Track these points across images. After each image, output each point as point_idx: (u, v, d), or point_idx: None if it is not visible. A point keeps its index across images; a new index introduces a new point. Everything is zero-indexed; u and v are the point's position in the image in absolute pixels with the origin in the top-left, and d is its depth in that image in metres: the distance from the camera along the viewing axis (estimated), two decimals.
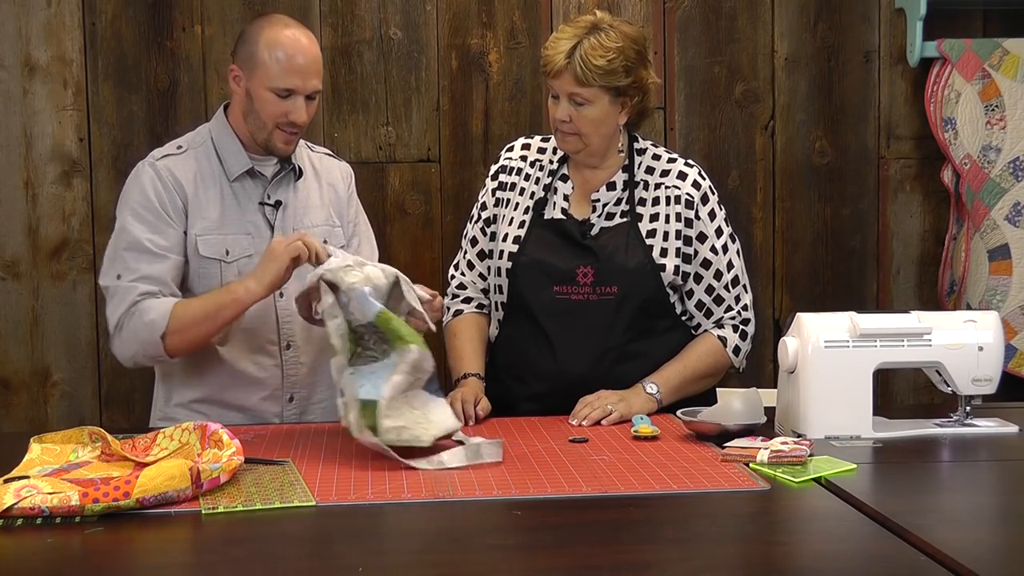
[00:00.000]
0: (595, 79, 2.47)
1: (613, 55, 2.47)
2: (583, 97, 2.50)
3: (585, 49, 2.46)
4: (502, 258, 2.63)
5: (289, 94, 2.53)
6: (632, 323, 2.56)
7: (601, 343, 2.55)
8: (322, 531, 1.80)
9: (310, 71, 2.55)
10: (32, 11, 3.32)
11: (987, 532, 1.82)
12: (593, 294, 2.55)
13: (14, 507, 1.82)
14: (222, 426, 2.09)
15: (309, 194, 2.68)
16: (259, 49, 2.53)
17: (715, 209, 2.62)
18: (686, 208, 2.59)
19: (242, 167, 2.60)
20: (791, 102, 3.54)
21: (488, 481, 2.02)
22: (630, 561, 1.66)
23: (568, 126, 2.54)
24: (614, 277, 2.54)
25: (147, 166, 2.59)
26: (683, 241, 2.59)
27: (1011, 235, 3.43)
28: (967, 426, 2.36)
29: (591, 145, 2.57)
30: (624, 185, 2.61)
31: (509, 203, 2.67)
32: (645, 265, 2.55)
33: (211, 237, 2.56)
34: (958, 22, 3.53)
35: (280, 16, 2.62)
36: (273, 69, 2.52)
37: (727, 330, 2.63)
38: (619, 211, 2.60)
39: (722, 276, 2.61)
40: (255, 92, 2.54)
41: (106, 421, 3.37)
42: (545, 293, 2.57)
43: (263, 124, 2.56)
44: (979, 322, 2.35)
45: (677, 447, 2.24)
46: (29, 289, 3.37)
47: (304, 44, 2.54)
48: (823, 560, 1.69)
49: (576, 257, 2.56)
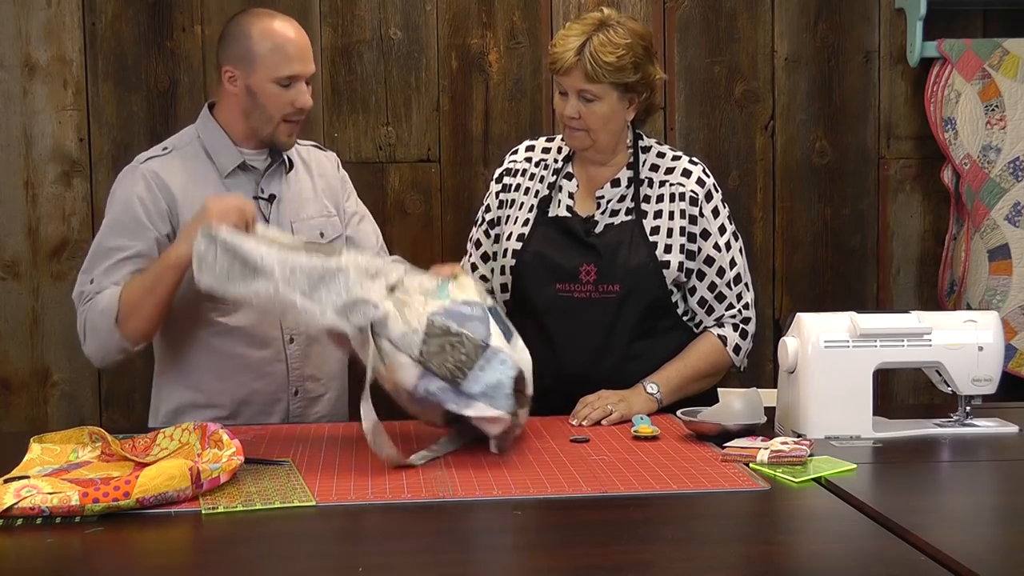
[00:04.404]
0: (605, 75, 2.48)
1: (623, 51, 2.48)
2: (592, 93, 2.51)
3: (595, 46, 2.47)
4: (506, 256, 2.64)
5: (291, 82, 2.54)
6: (634, 322, 2.56)
7: (602, 342, 2.55)
8: (322, 531, 1.80)
9: (307, 55, 2.59)
10: (32, 11, 3.32)
11: (987, 532, 1.82)
12: (595, 292, 2.55)
13: (14, 507, 1.82)
14: (222, 426, 2.09)
15: (302, 187, 2.68)
16: (254, 43, 2.53)
17: (719, 207, 2.62)
18: (690, 205, 2.59)
19: (234, 162, 2.59)
20: (791, 102, 3.54)
21: (488, 481, 2.02)
22: (630, 561, 1.66)
23: (577, 122, 2.54)
24: (616, 276, 2.55)
25: (131, 170, 2.59)
26: (687, 238, 2.59)
27: (1011, 235, 3.43)
28: (967, 426, 2.36)
29: (599, 141, 2.57)
30: (628, 182, 2.61)
31: (514, 204, 2.68)
32: (648, 264, 2.55)
33: None
34: (958, 22, 3.53)
35: (259, 10, 2.65)
36: (273, 59, 2.53)
37: (727, 329, 2.63)
38: (623, 208, 2.60)
39: (724, 273, 2.61)
40: (258, 87, 2.54)
41: (106, 421, 3.37)
42: (548, 290, 2.57)
43: (269, 118, 2.56)
44: (979, 322, 2.35)
45: (677, 447, 2.24)
46: (29, 289, 3.37)
47: (294, 30, 2.58)
48: (823, 560, 1.69)
49: (579, 255, 2.57)
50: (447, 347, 2.09)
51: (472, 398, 2.10)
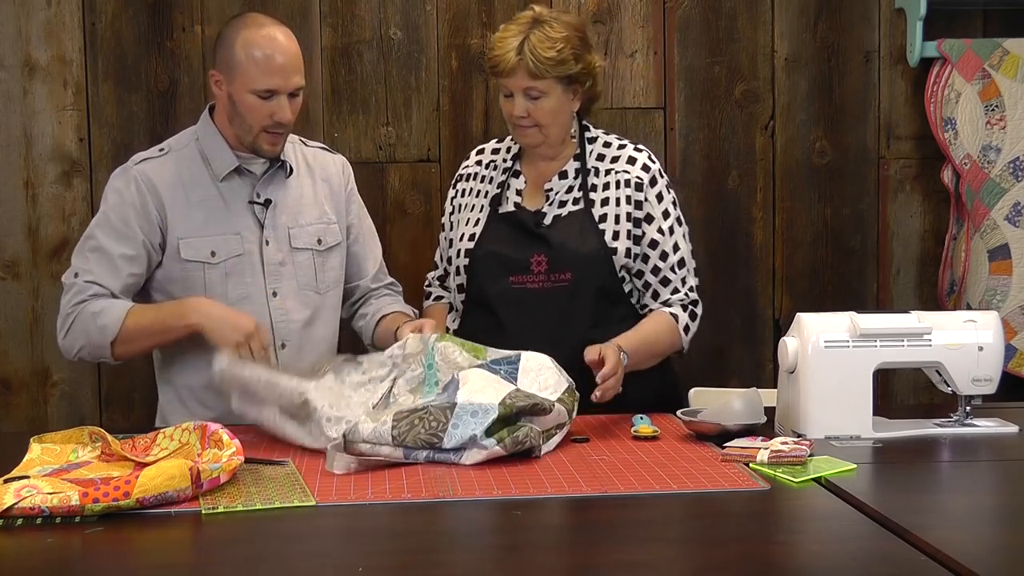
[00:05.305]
0: (548, 70, 2.52)
1: (561, 44, 2.53)
2: (538, 90, 2.55)
3: (533, 43, 2.52)
4: (459, 256, 2.68)
5: (271, 95, 2.51)
6: (588, 311, 2.57)
7: (557, 332, 2.54)
8: (322, 531, 1.80)
9: (290, 69, 2.53)
10: (32, 11, 3.32)
11: (987, 532, 1.82)
12: (547, 281, 2.57)
13: (14, 507, 1.82)
14: (222, 426, 2.09)
15: (302, 192, 2.67)
16: (236, 52, 2.51)
17: (663, 192, 2.64)
18: (636, 191, 2.62)
19: (229, 166, 2.59)
20: (791, 102, 3.54)
21: (488, 481, 2.02)
22: (630, 561, 1.66)
23: (526, 120, 2.58)
24: (567, 263, 2.57)
25: (123, 171, 2.60)
26: (632, 223, 2.61)
27: (1011, 235, 3.43)
28: (967, 426, 2.36)
29: (551, 136, 2.62)
30: (576, 173, 2.65)
31: (464, 207, 2.74)
32: (599, 251, 2.58)
33: (194, 239, 2.56)
34: (958, 22, 3.53)
35: (254, 15, 2.60)
36: (252, 71, 2.50)
37: (676, 308, 2.63)
38: (571, 198, 2.63)
39: (668, 257, 2.62)
40: (237, 96, 2.53)
41: (106, 421, 3.36)
42: (501, 284, 2.60)
43: (248, 128, 2.55)
44: (979, 322, 2.35)
45: (677, 447, 2.24)
46: (29, 289, 3.37)
47: (281, 42, 2.52)
48: (823, 560, 1.69)
49: (530, 246, 2.59)
50: (415, 422, 2.16)
51: (460, 450, 2.15)
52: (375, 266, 2.80)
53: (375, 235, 2.84)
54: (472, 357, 2.35)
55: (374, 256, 2.81)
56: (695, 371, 3.43)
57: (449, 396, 2.19)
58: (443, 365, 2.33)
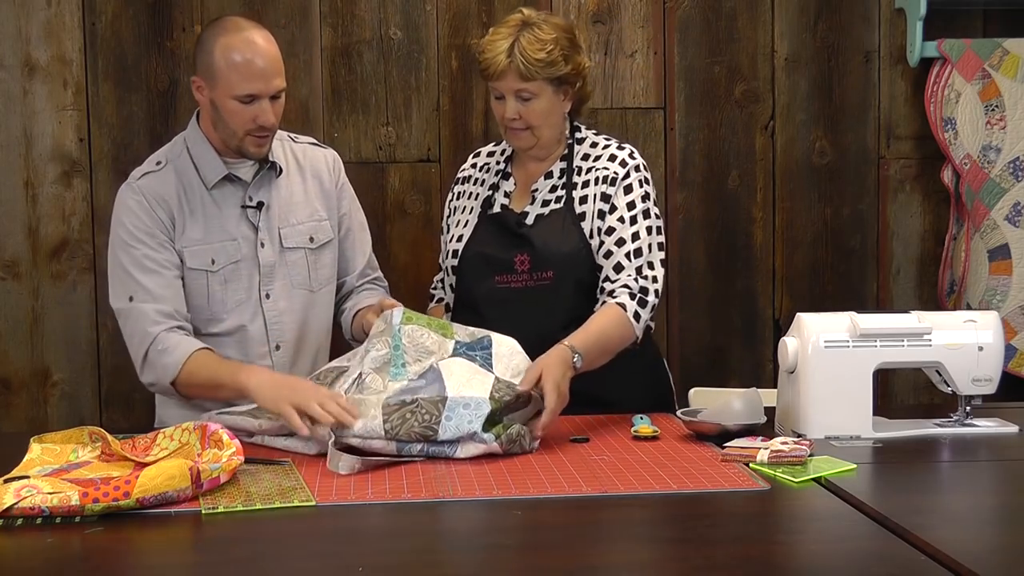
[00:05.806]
0: (538, 72, 2.53)
1: (551, 46, 2.53)
2: (529, 92, 2.55)
3: (523, 45, 2.52)
4: (450, 257, 2.70)
5: (253, 99, 2.49)
6: (569, 307, 2.56)
7: (541, 330, 2.52)
8: (322, 531, 1.80)
9: (270, 72, 2.50)
10: (32, 11, 3.32)
11: (987, 532, 1.82)
12: (531, 280, 2.58)
13: (14, 507, 1.82)
14: (222, 426, 2.09)
15: (292, 191, 2.67)
16: (215, 58, 2.48)
17: (633, 184, 2.60)
18: (609, 185, 2.61)
19: (218, 174, 2.57)
20: (791, 102, 3.54)
21: (488, 481, 2.02)
22: (630, 561, 1.66)
23: (518, 123, 2.58)
24: (549, 262, 2.57)
25: (130, 188, 2.57)
26: (600, 217, 2.60)
27: (1011, 235, 3.43)
28: (967, 426, 2.36)
29: (543, 137, 2.62)
30: (561, 173, 2.66)
31: (459, 210, 2.76)
32: (580, 248, 2.58)
33: (197, 248, 2.55)
34: (958, 22, 3.53)
35: (234, 19, 2.56)
36: (232, 77, 2.47)
37: (623, 297, 2.54)
38: (554, 198, 2.64)
39: (624, 244, 2.57)
40: (219, 102, 2.51)
41: (106, 421, 3.37)
42: (487, 284, 2.61)
43: (233, 132, 2.53)
44: (979, 322, 2.35)
45: (677, 447, 2.24)
46: (29, 289, 3.37)
47: (260, 45, 2.49)
48: (823, 560, 1.69)
49: (513, 246, 2.61)
50: (407, 415, 2.17)
51: (456, 443, 2.17)
52: (363, 261, 2.79)
53: (366, 228, 2.83)
54: (441, 337, 2.35)
55: (363, 252, 2.80)
56: (695, 371, 3.44)
57: (438, 389, 2.21)
58: (411, 348, 2.32)
